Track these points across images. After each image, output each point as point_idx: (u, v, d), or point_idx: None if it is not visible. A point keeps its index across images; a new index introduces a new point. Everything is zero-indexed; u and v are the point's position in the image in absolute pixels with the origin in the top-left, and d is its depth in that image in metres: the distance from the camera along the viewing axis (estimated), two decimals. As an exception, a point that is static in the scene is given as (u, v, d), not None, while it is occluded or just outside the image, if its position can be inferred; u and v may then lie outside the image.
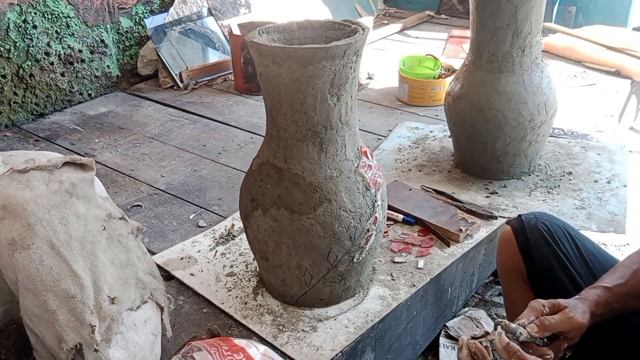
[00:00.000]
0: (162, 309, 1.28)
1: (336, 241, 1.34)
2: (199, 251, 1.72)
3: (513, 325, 0.95)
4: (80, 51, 2.82)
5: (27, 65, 2.63)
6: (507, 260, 1.31)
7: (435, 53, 3.04)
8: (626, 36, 3.18)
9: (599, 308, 1.05)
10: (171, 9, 3.11)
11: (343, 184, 1.32)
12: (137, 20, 3.05)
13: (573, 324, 1.00)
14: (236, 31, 2.94)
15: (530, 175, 2.05)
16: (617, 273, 1.12)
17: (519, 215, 1.30)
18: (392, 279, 1.58)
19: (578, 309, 1.02)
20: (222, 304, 1.51)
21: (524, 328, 0.96)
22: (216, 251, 1.72)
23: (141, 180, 2.18)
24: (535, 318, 0.99)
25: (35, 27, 2.62)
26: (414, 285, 1.56)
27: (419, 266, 1.62)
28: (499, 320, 0.96)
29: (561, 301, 1.03)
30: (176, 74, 3.04)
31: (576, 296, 1.07)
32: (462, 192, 1.97)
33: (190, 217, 1.93)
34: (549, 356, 0.98)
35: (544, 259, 1.23)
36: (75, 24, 2.77)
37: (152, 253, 1.71)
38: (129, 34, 3.05)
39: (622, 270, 1.12)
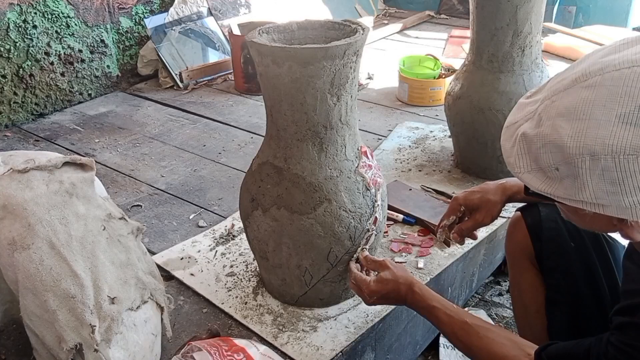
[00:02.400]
0: (162, 309, 1.28)
1: (336, 241, 1.34)
2: (199, 251, 1.72)
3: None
4: (80, 51, 2.82)
5: (27, 65, 2.63)
6: (517, 242, 1.32)
7: (435, 53, 3.04)
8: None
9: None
10: (171, 9, 3.11)
11: (343, 184, 1.32)
12: (137, 20, 3.05)
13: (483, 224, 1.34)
14: (236, 31, 2.94)
15: (530, 175, 2.05)
16: None
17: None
18: (392, 279, 1.58)
19: (489, 213, 1.33)
20: (222, 304, 1.51)
21: None
22: (216, 251, 1.72)
23: (141, 180, 2.18)
24: (454, 220, 1.38)
25: (35, 27, 2.62)
26: (414, 285, 1.55)
27: (419, 266, 1.62)
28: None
29: (476, 199, 1.35)
30: (176, 74, 3.04)
31: (503, 181, 1.36)
32: (462, 192, 1.97)
33: (190, 217, 1.93)
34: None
35: (554, 232, 1.24)
36: (75, 24, 2.77)
37: (152, 253, 1.71)
38: (129, 34, 3.05)
39: None
